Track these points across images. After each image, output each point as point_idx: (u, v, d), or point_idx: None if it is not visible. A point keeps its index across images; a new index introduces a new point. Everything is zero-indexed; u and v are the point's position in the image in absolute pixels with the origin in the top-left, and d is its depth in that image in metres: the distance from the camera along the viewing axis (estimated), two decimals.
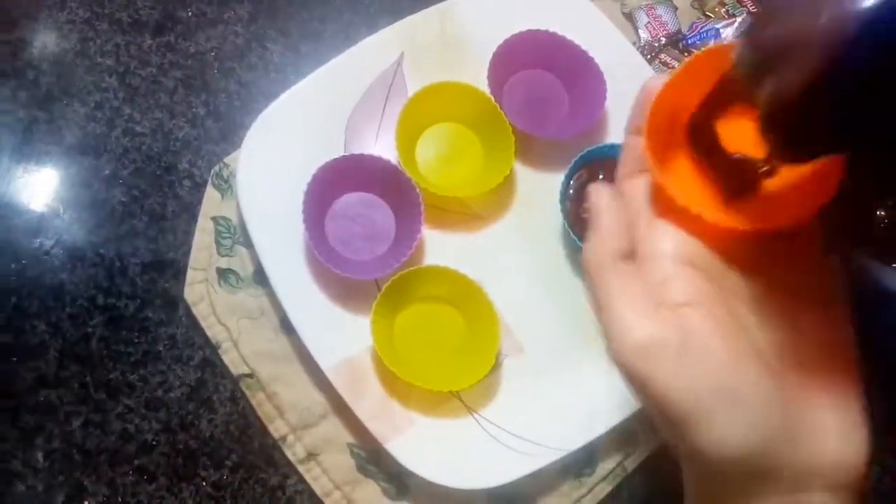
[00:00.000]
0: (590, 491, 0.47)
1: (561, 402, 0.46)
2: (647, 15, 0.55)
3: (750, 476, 0.25)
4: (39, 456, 0.44)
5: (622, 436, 0.47)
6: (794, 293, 0.27)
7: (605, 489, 0.47)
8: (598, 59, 0.49)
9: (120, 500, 0.44)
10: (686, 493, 0.28)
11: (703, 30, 0.55)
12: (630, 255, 0.27)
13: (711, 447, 0.24)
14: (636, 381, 0.25)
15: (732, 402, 0.24)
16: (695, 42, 0.54)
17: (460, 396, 0.46)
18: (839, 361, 0.26)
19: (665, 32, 0.55)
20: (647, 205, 0.28)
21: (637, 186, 0.28)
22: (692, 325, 0.25)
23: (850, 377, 0.26)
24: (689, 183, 0.28)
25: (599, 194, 0.28)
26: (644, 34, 0.55)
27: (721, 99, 0.26)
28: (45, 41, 0.51)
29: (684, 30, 0.55)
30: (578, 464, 0.47)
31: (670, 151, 0.28)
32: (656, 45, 0.55)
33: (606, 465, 0.47)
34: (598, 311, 0.26)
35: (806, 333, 0.26)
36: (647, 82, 0.29)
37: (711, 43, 0.54)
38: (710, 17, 0.56)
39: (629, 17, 0.56)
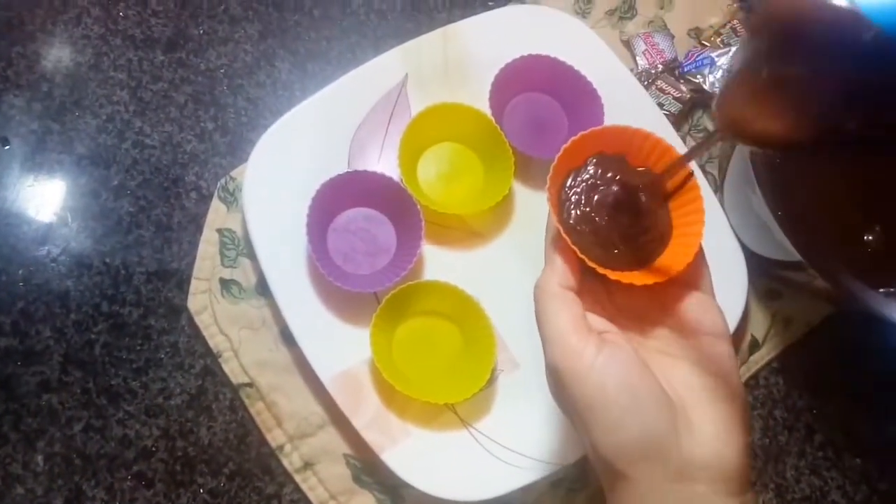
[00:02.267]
0: None
1: (554, 417, 0.47)
2: (645, 42, 0.57)
3: (640, 461, 0.30)
4: (40, 459, 0.45)
5: None
6: (683, 329, 0.33)
7: None
8: (596, 85, 0.51)
9: None
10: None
11: (698, 58, 0.56)
12: (574, 289, 0.33)
13: (607, 433, 0.30)
14: (560, 379, 0.31)
15: (631, 398, 0.30)
16: (690, 69, 0.56)
17: (455, 409, 0.47)
18: (721, 379, 0.32)
19: (662, 60, 0.56)
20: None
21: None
22: (609, 339, 0.31)
23: (730, 388, 0.32)
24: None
25: (555, 242, 0.34)
26: (641, 61, 0.57)
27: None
28: (60, 55, 0.53)
29: (680, 58, 0.57)
30: (570, 478, 0.48)
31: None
32: (653, 71, 0.56)
33: (597, 482, 0.48)
34: (539, 324, 0.33)
35: (693, 362, 0.33)
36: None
37: (706, 71, 0.56)
38: (705, 45, 0.58)
39: (627, 44, 0.58)
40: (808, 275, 0.45)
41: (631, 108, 0.53)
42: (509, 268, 0.50)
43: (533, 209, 0.52)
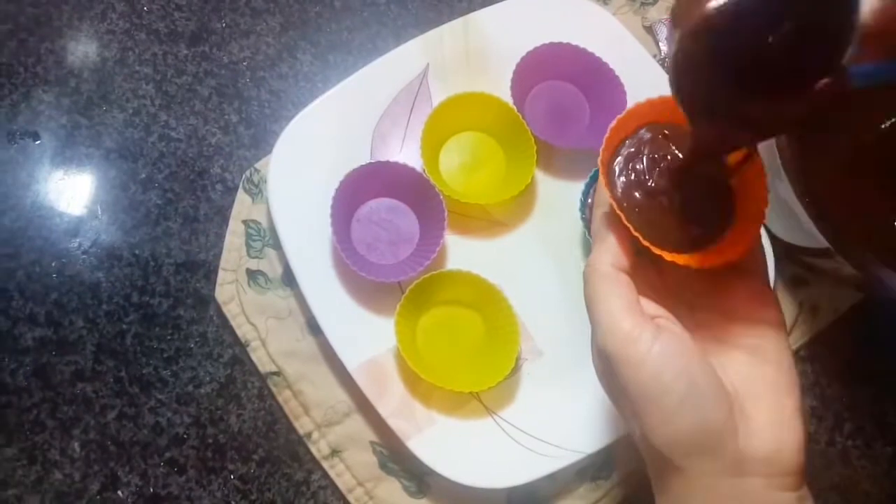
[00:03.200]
0: (606, 494, 0.48)
1: (579, 405, 0.47)
2: (668, 28, 0.56)
3: (695, 454, 0.29)
4: (76, 446, 0.46)
5: None
6: (739, 318, 0.32)
7: (620, 493, 0.48)
8: (618, 72, 0.50)
9: (151, 490, 0.46)
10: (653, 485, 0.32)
11: None
12: (627, 269, 0.32)
13: (663, 424, 0.29)
14: (615, 363, 0.30)
15: (688, 388, 0.29)
16: None
17: (480, 398, 0.47)
18: (775, 371, 0.31)
19: None
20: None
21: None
22: (665, 326, 0.30)
23: (785, 382, 0.31)
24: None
25: (606, 218, 0.33)
26: (664, 47, 0.56)
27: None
28: (87, 51, 0.54)
29: None
30: (595, 467, 0.48)
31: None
32: None
33: (623, 470, 0.48)
34: (590, 307, 0.31)
35: (749, 353, 0.31)
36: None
37: None
38: None
39: (650, 30, 0.57)
40: (836, 262, 0.45)
41: (654, 94, 0.52)
42: (532, 257, 0.50)
43: (555, 198, 0.51)
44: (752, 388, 0.30)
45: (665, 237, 0.32)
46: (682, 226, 0.32)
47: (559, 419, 0.47)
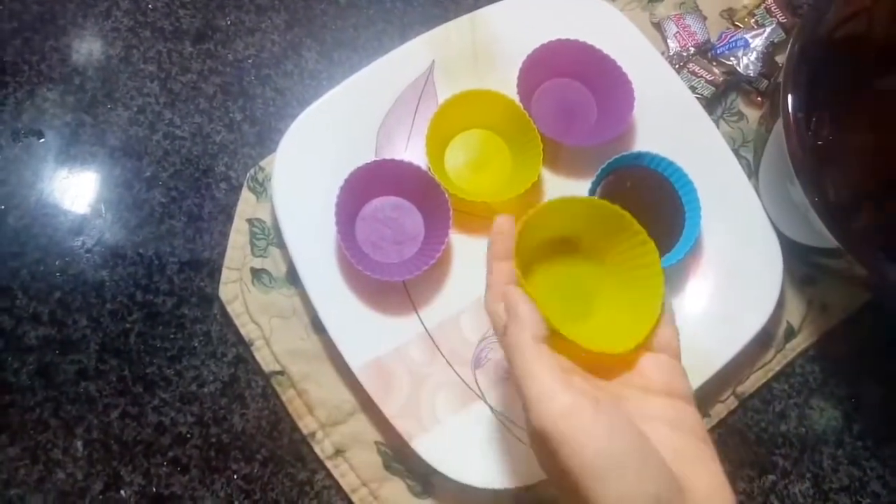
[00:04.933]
0: None
1: None
2: (676, 25, 0.56)
3: None
4: (79, 445, 0.46)
5: None
6: (653, 390, 0.32)
7: None
8: (626, 69, 0.50)
9: (154, 489, 0.46)
10: None
11: (731, 39, 0.55)
12: (546, 340, 0.31)
13: (620, 499, 0.27)
14: (555, 441, 0.28)
15: (643, 460, 0.28)
16: (723, 52, 0.55)
17: (485, 397, 0.47)
18: (697, 439, 0.31)
19: (694, 42, 0.55)
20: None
21: (501, 272, 0.36)
22: (601, 399, 0.29)
23: (709, 449, 0.31)
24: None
25: (513, 290, 0.32)
26: (673, 44, 0.55)
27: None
28: (92, 48, 0.53)
29: (713, 40, 0.56)
30: None
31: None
32: (685, 54, 0.55)
33: None
34: (520, 384, 0.30)
35: (670, 422, 0.31)
36: (496, 220, 0.37)
37: (740, 53, 0.55)
38: (739, 27, 0.57)
39: (658, 26, 0.56)
40: (846, 261, 0.44)
41: (662, 92, 0.52)
42: None
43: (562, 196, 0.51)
44: (684, 459, 0.30)
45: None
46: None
47: None
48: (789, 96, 0.42)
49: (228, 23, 0.55)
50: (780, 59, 0.55)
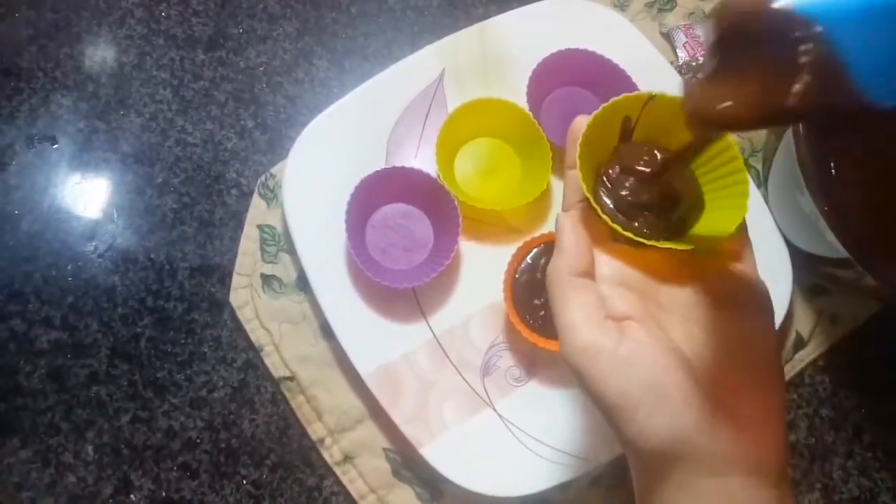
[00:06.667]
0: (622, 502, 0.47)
1: (593, 414, 0.47)
2: (685, 34, 0.56)
3: (673, 461, 0.28)
4: (90, 449, 0.46)
5: None
6: (717, 301, 0.31)
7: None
8: (636, 78, 0.50)
9: (164, 494, 0.46)
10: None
11: None
12: (587, 272, 0.31)
13: (638, 436, 0.28)
14: (580, 377, 0.29)
15: (656, 398, 0.28)
16: None
17: (494, 405, 0.47)
18: (757, 359, 0.30)
19: (703, 52, 0.55)
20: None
21: (571, 180, 0.34)
22: (629, 333, 0.29)
23: (768, 373, 0.30)
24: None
25: (564, 219, 0.32)
26: (682, 53, 0.56)
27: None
28: (105, 55, 0.54)
29: None
30: (609, 476, 0.47)
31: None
32: (694, 63, 0.55)
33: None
34: (554, 315, 0.30)
35: (727, 337, 0.30)
36: (573, 122, 0.34)
37: None
38: None
39: (667, 36, 0.57)
40: (856, 272, 0.44)
41: None
42: None
43: None
44: (734, 380, 0.29)
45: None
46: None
47: (573, 427, 0.46)
48: None
49: (240, 31, 0.55)
50: None
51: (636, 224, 0.32)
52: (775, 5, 0.23)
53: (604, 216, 0.31)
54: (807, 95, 0.23)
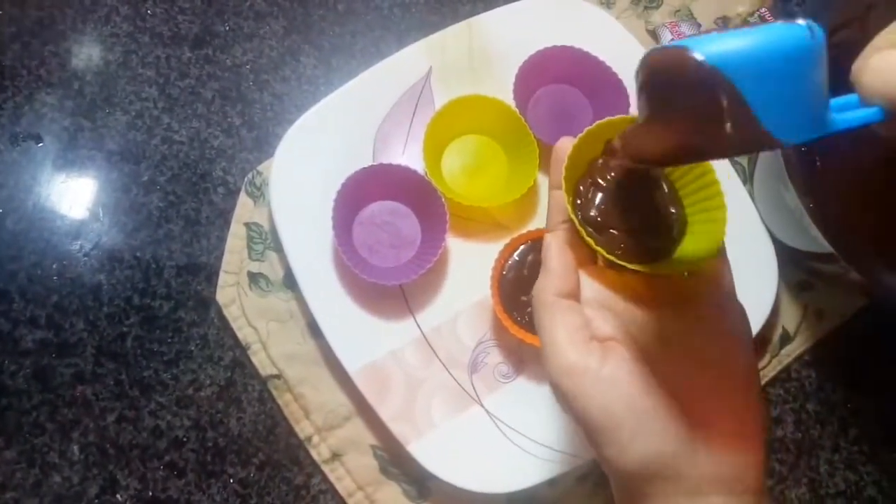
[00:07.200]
0: (606, 501, 0.47)
1: None
2: (671, 32, 0.56)
3: (653, 480, 0.29)
4: (75, 449, 0.46)
5: None
6: (696, 324, 0.31)
7: None
8: (621, 76, 0.50)
9: (150, 493, 0.46)
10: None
11: None
12: (572, 294, 0.31)
13: (619, 455, 0.29)
14: (563, 396, 0.29)
15: (638, 419, 0.28)
16: None
17: (481, 402, 0.47)
18: (736, 381, 0.31)
19: None
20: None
21: (555, 201, 0.34)
22: (612, 354, 0.29)
23: (746, 394, 0.31)
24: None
25: (551, 240, 0.33)
26: None
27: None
28: (91, 53, 0.54)
29: None
30: (597, 473, 0.47)
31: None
32: None
33: None
34: (539, 337, 0.31)
35: (705, 360, 0.31)
36: (558, 143, 0.34)
37: None
38: None
39: (653, 34, 0.57)
40: (841, 267, 0.44)
41: None
42: None
43: None
44: (713, 401, 0.30)
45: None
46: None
47: (561, 424, 0.46)
48: None
49: (227, 29, 0.55)
50: None
51: (620, 246, 0.32)
52: (694, 55, 0.24)
53: (588, 239, 0.31)
54: (722, 139, 0.25)
